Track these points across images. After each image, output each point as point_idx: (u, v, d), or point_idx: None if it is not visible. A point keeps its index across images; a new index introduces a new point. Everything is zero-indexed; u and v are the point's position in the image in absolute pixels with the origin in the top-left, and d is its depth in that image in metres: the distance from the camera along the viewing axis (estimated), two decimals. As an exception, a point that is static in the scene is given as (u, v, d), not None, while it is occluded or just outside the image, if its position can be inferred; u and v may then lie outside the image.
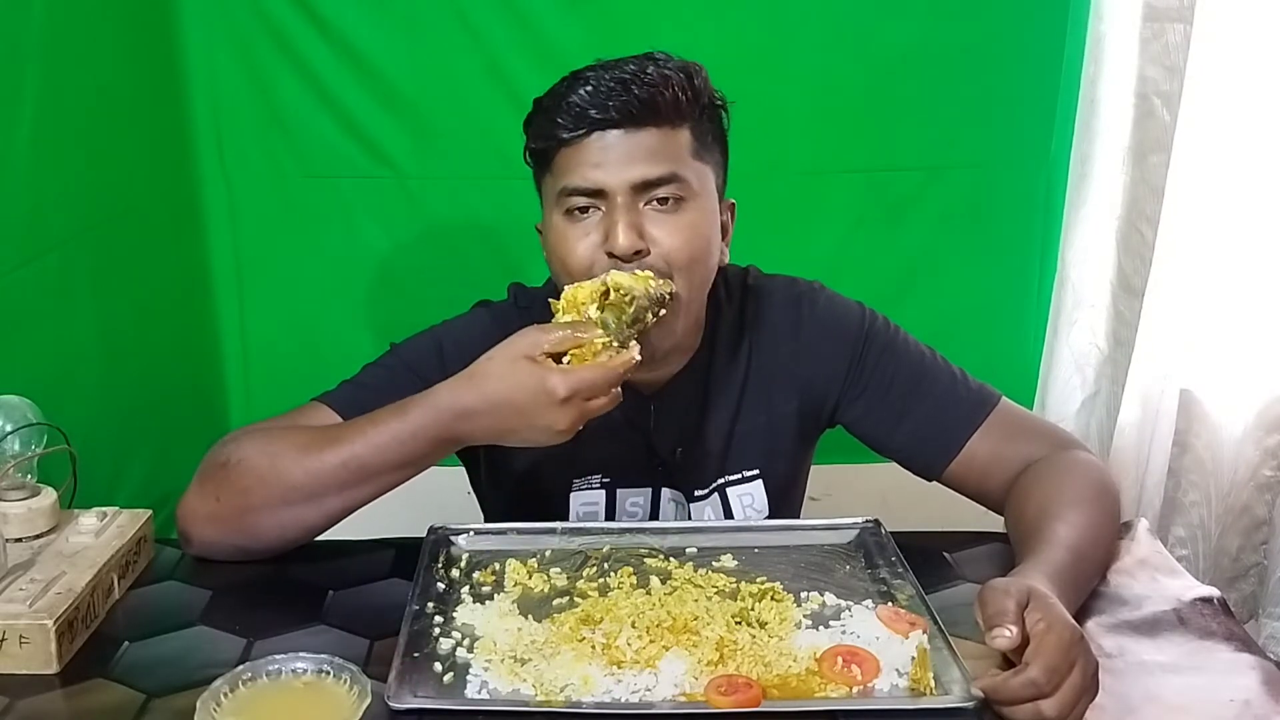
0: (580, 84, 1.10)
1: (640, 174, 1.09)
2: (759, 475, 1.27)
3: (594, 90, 1.09)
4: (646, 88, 1.09)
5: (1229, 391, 1.83)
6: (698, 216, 1.13)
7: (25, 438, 1.06)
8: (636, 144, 1.09)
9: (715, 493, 1.27)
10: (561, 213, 1.13)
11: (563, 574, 1.07)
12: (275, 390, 1.92)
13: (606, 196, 1.10)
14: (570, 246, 1.12)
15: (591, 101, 1.08)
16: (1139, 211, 1.79)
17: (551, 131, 1.11)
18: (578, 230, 1.12)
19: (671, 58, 1.13)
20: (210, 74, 1.81)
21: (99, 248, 1.48)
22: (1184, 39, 1.66)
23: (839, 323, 1.25)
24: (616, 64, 1.11)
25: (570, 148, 1.11)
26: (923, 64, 1.85)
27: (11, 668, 0.91)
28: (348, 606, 1.04)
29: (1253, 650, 0.97)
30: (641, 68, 1.10)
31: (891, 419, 1.24)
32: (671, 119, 1.11)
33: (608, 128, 1.09)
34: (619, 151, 1.09)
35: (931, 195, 1.93)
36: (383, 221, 1.90)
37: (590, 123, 1.09)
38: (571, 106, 1.09)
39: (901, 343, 1.26)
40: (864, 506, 1.20)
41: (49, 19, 1.34)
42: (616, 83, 1.09)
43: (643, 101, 1.08)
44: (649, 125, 1.09)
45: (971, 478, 1.21)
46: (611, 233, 1.09)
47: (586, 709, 0.87)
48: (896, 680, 0.90)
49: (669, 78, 1.10)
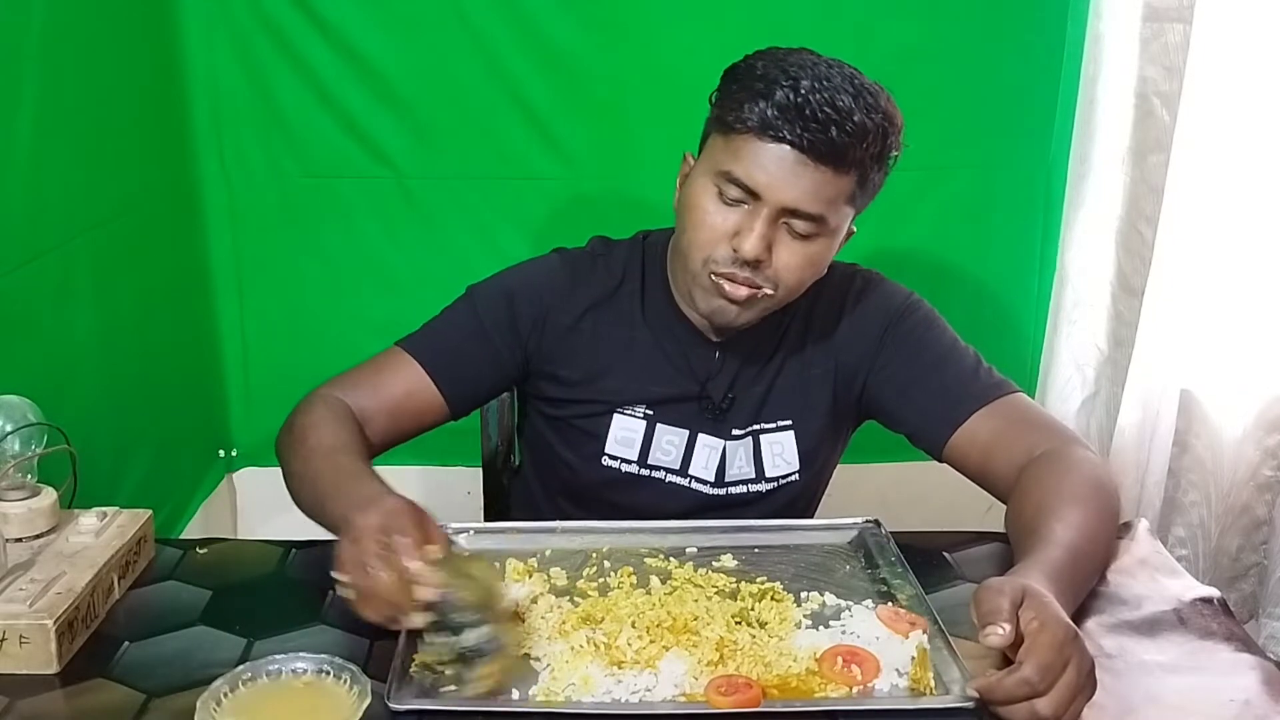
0: (794, 90, 1.10)
1: (795, 202, 1.13)
2: (790, 427, 1.30)
3: (801, 109, 1.10)
4: (846, 135, 1.10)
5: (1229, 392, 1.83)
6: (821, 250, 1.18)
7: (25, 438, 1.06)
8: (808, 176, 1.12)
9: (750, 436, 1.29)
10: (714, 182, 1.16)
11: (563, 574, 1.07)
12: (275, 390, 1.92)
13: (759, 199, 1.13)
14: (707, 219, 1.16)
15: (794, 120, 1.10)
16: (1139, 211, 1.79)
17: (746, 117, 1.12)
18: (720, 210, 1.16)
19: (880, 99, 1.14)
20: (210, 74, 1.81)
21: (99, 248, 1.48)
22: (1184, 39, 1.66)
23: (884, 301, 1.31)
24: (833, 83, 1.11)
25: (754, 141, 1.12)
26: (923, 64, 1.84)
27: (11, 668, 0.91)
28: (348, 607, 1.04)
29: (1253, 650, 0.97)
30: (851, 107, 1.11)
31: (906, 389, 1.27)
32: (850, 167, 1.13)
33: (794, 149, 1.11)
34: (791, 174, 1.12)
35: (931, 195, 1.93)
36: (383, 221, 1.90)
37: (782, 138, 1.11)
38: (774, 113, 1.10)
39: (937, 326, 1.30)
40: (864, 506, 1.20)
41: (49, 19, 1.34)
42: (824, 115, 1.09)
43: (837, 147, 1.11)
44: (828, 165, 1.12)
45: (974, 456, 1.22)
46: (746, 235, 1.14)
47: (586, 709, 0.87)
48: (896, 680, 0.91)
49: (869, 132, 1.11)
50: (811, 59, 1.14)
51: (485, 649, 0.89)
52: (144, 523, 1.10)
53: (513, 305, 1.27)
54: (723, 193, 1.15)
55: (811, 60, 1.14)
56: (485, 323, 1.27)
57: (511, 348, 1.28)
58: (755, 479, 1.29)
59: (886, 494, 1.58)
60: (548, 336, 1.28)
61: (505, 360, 1.28)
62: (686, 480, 1.28)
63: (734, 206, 1.15)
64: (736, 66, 1.17)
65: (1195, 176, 1.70)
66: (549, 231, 1.86)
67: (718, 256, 1.16)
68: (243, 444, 2.00)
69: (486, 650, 0.89)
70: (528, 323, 1.27)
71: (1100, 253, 1.85)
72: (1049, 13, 1.85)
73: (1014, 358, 1.98)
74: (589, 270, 1.30)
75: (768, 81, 1.12)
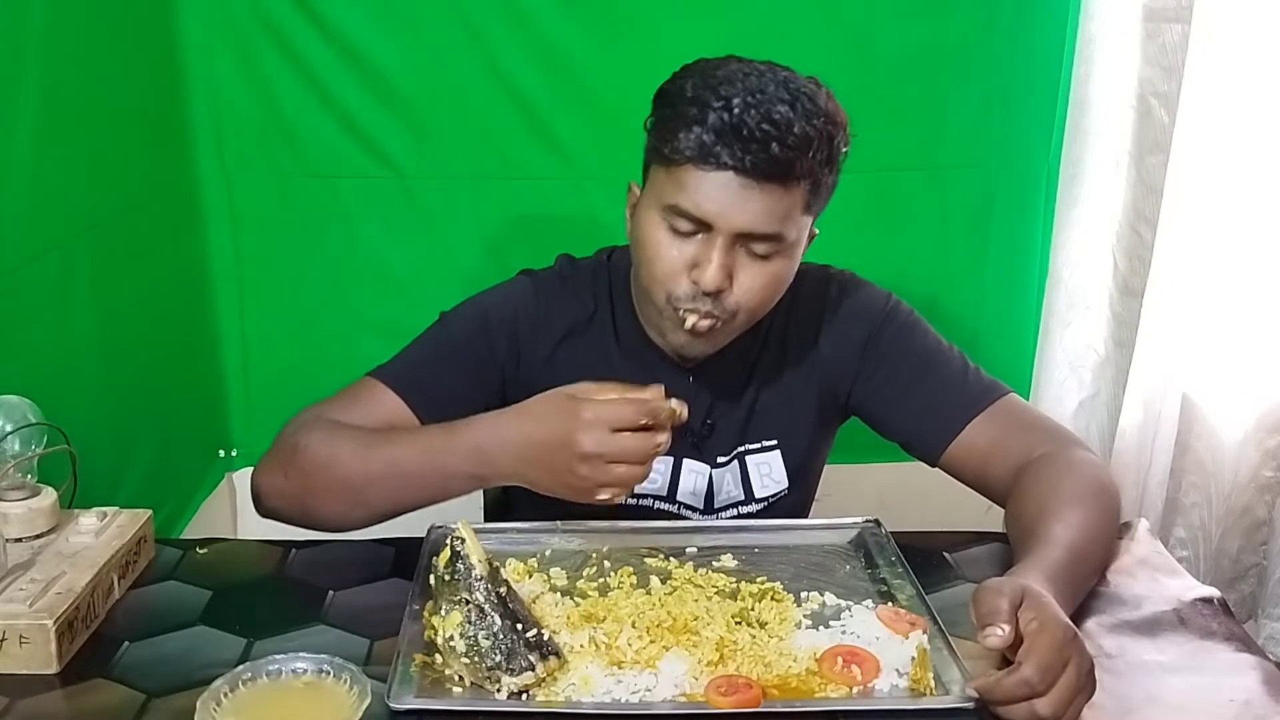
0: (727, 110, 1.05)
1: (749, 226, 1.09)
2: (776, 446, 1.28)
3: (738, 130, 1.05)
4: (789, 149, 1.06)
5: (1229, 393, 1.83)
6: (783, 267, 1.15)
7: (25, 438, 1.06)
8: (757, 197, 1.07)
9: (735, 460, 1.28)
10: (663, 217, 1.12)
11: (563, 574, 1.07)
12: (275, 390, 1.93)
13: (711, 229, 1.10)
14: (662, 254, 1.13)
15: (733, 143, 1.05)
16: (1138, 213, 1.79)
17: (683, 146, 1.08)
18: (674, 243, 1.12)
19: (819, 99, 1.09)
20: (210, 74, 1.80)
21: (99, 248, 1.48)
22: (1182, 39, 1.66)
23: (864, 306, 1.28)
24: (767, 94, 1.06)
25: (695, 170, 1.08)
26: (923, 64, 1.84)
27: (11, 668, 0.92)
28: (348, 606, 1.04)
29: (1253, 650, 0.97)
30: (790, 117, 1.06)
31: (896, 398, 1.25)
32: (799, 178, 1.08)
33: (738, 173, 1.06)
34: (739, 198, 1.07)
35: (932, 195, 1.93)
36: (383, 221, 1.90)
37: (723, 164, 1.06)
38: (710, 139, 1.06)
39: (920, 330, 1.28)
40: (864, 506, 1.20)
41: (49, 19, 1.34)
42: (763, 132, 1.05)
43: (782, 162, 1.06)
44: (776, 182, 1.07)
45: (972, 464, 1.22)
46: (704, 267, 1.10)
47: (586, 709, 0.87)
48: (896, 680, 0.91)
49: (813, 139, 1.07)
50: (742, 69, 1.09)
51: (548, 646, 0.90)
52: (144, 523, 1.10)
53: (488, 333, 1.24)
54: (674, 226, 1.11)
55: (742, 71, 1.09)
56: (460, 349, 1.23)
57: (489, 376, 1.24)
58: (744, 500, 1.29)
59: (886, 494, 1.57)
60: (524, 368, 1.25)
61: (483, 384, 1.24)
62: (675, 506, 1.27)
63: (688, 238, 1.11)
64: (666, 90, 1.13)
65: (1194, 177, 1.70)
66: (549, 231, 1.85)
67: (679, 292, 1.13)
68: (243, 444, 2.00)
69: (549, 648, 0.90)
70: (503, 352, 1.24)
71: (1097, 254, 1.85)
72: (1050, 13, 1.85)
73: (1014, 358, 1.98)
74: (560, 295, 1.27)
75: (699, 105, 1.07)
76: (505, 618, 0.90)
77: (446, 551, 0.94)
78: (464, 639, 0.89)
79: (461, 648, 0.89)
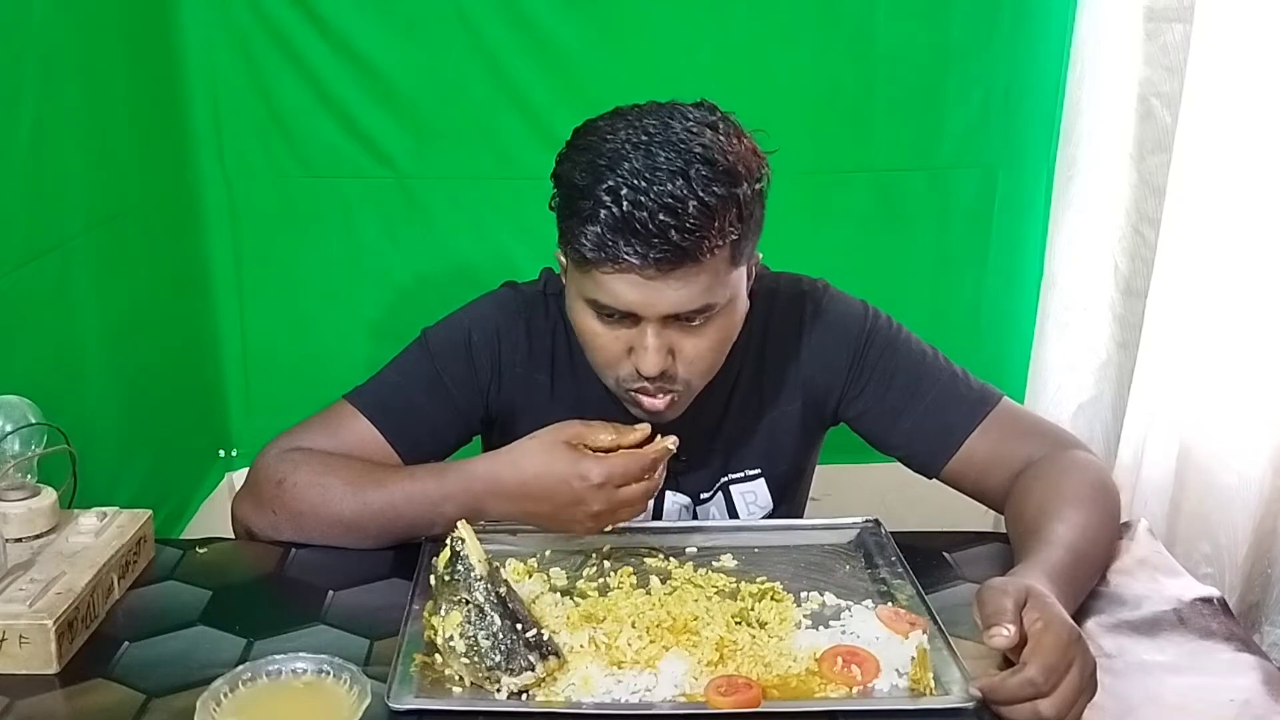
0: (616, 203, 1.01)
1: (673, 308, 1.05)
2: (760, 474, 1.27)
3: (630, 226, 1.00)
4: (689, 234, 1.00)
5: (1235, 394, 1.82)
6: (726, 322, 1.11)
7: (25, 438, 1.05)
8: (671, 284, 1.03)
9: (719, 492, 1.27)
10: (589, 308, 1.09)
11: (563, 574, 1.07)
12: (275, 390, 1.93)
13: (637, 317, 1.07)
14: (599, 344, 1.11)
15: (630, 240, 1.01)
16: (1140, 213, 1.78)
17: (584, 247, 1.03)
18: (608, 332, 1.10)
19: (714, 153, 1.03)
20: (210, 74, 1.80)
21: (99, 248, 1.48)
22: (1183, 39, 1.65)
23: (842, 321, 1.25)
24: (658, 173, 1.01)
25: (602, 271, 1.05)
26: (924, 64, 1.84)
27: (11, 668, 0.91)
28: (348, 606, 1.04)
29: (1253, 650, 0.97)
30: (685, 194, 1.00)
31: (891, 416, 1.24)
32: (709, 251, 1.03)
33: (642, 268, 1.02)
34: (653, 289, 1.04)
35: (932, 195, 1.93)
36: (383, 221, 1.90)
37: (629, 264, 1.02)
38: (609, 238, 1.01)
39: (903, 341, 1.26)
40: (864, 506, 1.20)
41: (49, 19, 1.34)
42: (659, 223, 1.00)
43: (686, 248, 1.01)
44: (688, 263, 1.02)
45: (971, 475, 1.21)
46: (641, 354, 1.08)
47: (586, 709, 0.87)
48: (896, 680, 0.91)
49: (715, 211, 1.01)
50: (631, 138, 1.04)
51: (548, 646, 0.90)
52: (144, 523, 1.10)
53: (470, 353, 1.22)
54: (601, 315, 1.09)
55: (630, 142, 1.03)
56: (440, 373, 1.21)
57: (470, 399, 1.22)
58: None
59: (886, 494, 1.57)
60: (506, 384, 1.23)
61: (463, 408, 1.22)
62: None
63: (620, 322, 1.08)
64: (559, 173, 1.09)
65: (1197, 177, 1.69)
66: (549, 231, 1.84)
67: (624, 375, 1.11)
68: (243, 444, 1.99)
69: (548, 648, 0.90)
70: (486, 372, 1.23)
71: (1094, 255, 1.84)
72: (1051, 13, 1.85)
73: (1014, 358, 1.98)
74: (543, 313, 1.24)
75: (591, 199, 1.02)
76: (505, 618, 0.90)
77: (446, 551, 0.94)
78: (464, 639, 0.89)
79: (461, 648, 0.89)
